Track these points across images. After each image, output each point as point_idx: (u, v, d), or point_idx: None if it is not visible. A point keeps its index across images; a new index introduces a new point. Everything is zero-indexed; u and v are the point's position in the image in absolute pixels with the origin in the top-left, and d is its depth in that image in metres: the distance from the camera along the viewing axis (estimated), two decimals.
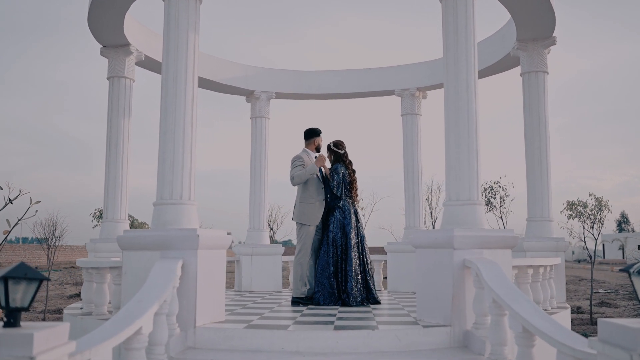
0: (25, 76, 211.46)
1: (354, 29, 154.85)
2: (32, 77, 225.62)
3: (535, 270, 5.45)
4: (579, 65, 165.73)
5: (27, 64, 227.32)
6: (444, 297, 4.58)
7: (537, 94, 6.99)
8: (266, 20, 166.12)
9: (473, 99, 4.85)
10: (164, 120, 4.80)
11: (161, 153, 4.79)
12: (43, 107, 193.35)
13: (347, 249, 6.27)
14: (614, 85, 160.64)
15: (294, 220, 6.56)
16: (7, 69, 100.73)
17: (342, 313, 5.44)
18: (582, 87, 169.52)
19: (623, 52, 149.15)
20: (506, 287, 3.92)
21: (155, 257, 4.52)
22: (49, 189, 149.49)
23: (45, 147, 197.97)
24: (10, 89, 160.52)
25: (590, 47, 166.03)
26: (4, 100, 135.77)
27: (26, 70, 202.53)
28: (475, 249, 4.59)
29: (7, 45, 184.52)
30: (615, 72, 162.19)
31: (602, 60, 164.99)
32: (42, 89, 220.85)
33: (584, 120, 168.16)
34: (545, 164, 6.92)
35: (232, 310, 5.70)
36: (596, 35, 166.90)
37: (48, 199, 55.00)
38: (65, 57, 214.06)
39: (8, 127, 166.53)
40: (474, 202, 4.76)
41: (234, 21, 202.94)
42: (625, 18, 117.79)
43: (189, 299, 4.44)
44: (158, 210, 4.74)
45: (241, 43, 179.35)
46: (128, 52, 7.23)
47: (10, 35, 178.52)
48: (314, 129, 6.68)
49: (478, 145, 4.84)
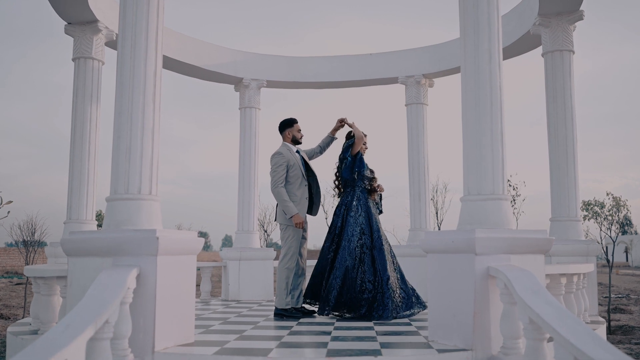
0: (25, 79, 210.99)
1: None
2: (32, 79, 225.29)
3: (569, 279, 4.58)
4: (581, 66, 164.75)
5: (27, 67, 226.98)
6: (463, 313, 3.70)
7: (562, 76, 6.12)
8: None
9: (497, 71, 3.98)
10: (119, 97, 3.93)
11: (115, 138, 3.92)
12: (43, 110, 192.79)
13: None
14: (615, 88, 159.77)
15: (277, 222, 5.72)
16: (7, 72, 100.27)
17: (338, 330, 4.55)
18: (584, 89, 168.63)
19: (624, 54, 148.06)
20: (548, 304, 3.04)
21: (106, 265, 3.65)
22: (49, 191, 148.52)
23: (45, 149, 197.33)
24: (10, 92, 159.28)
25: (592, 48, 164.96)
26: (4, 103, 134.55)
27: (26, 73, 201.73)
28: (502, 254, 3.71)
29: (7, 48, 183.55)
30: (616, 75, 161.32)
31: (604, 62, 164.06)
32: (41, 91, 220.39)
33: (585, 123, 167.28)
34: (572, 156, 6.04)
35: (208, 326, 4.82)
36: (598, 37, 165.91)
37: (48, 201, 54.19)
38: (65, 60, 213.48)
39: (8, 129, 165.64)
40: (499, 197, 3.88)
41: (232, 22, 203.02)
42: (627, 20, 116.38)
43: (146, 318, 3.56)
44: (111, 207, 3.86)
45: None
46: (96, 30, 6.37)
47: (10, 38, 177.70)
48: (287, 119, 5.86)
49: (503, 127, 3.97)
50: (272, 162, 5.64)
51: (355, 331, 4.51)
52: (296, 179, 5.64)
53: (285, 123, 5.84)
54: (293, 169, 5.64)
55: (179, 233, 3.88)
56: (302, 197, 5.66)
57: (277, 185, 5.54)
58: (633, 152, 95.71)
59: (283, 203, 5.51)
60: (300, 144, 5.90)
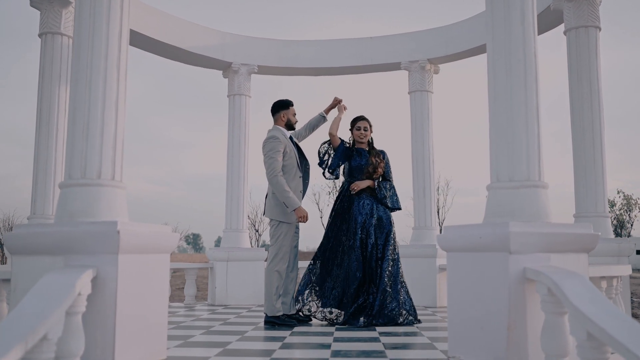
0: (23, 81, 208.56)
1: None
2: (30, 81, 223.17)
3: (609, 282, 3.92)
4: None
5: (26, 69, 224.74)
6: (493, 325, 3.03)
7: (588, 55, 5.47)
8: None
9: (531, 33, 3.32)
10: (76, 62, 3.24)
11: (71, 111, 3.23)
12: None
13: None
14: (608, 91, 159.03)
15: (267, 217, 5.05)
16: (6, 73, 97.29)
17: (339, 343, 3.88)
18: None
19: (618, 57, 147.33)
20: (612, 316, 2.38)
21: (57, 266, 2.97)
22: None
23: None
24: (9, 94, 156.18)
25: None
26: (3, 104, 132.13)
27: (24, 75, 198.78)
28: (540, 252, 3.06)
29: (5, 49, 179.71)
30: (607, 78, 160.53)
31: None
32: None
33: None
34: (599, 144, 5.39)
35: (188, 337, 4.13)
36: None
37: None
38: None
39: (7, 131, 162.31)
40: (535, 183, 3.22)
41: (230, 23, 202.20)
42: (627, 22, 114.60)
43: (104, 331, 2.88)
44: (65, 195, 3.17)
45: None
46: (65, 3, 5.65)
47: (8, 39, 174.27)
48: (283, 99, 5.19)
49: (539, 101, 3.31)
50: (266, 147, 4.96)
51: (359, 343, 3.83)
52: (290, 168, 4.97)
53: (281, 104, 5.17)
54: (288, 157, 4.97)
55: (148, 227, 3.19)
56: (296, 190, 4.99)
57: (276, 174, 4.85)
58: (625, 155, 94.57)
59: (284, 194, 4.82)
60: (294, 129, 5.24)
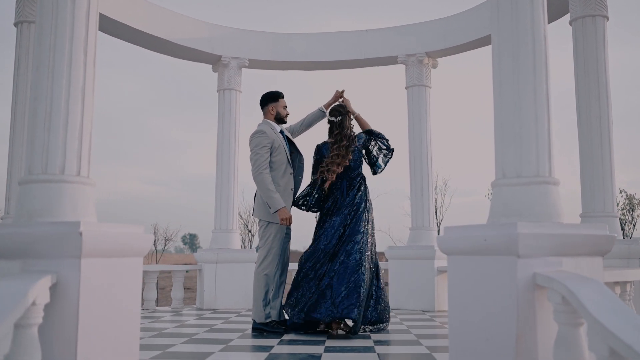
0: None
1: None
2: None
3: (622, 288, 3.62)
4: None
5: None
6: (500, 336, 2.73)
7: (595, 46, 5.18)
8: None
9: (540, 14, 3.02)
10: (38, 44, 2.93)
11: (33, 99, 2.91)
12: None
13: None
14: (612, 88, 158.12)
15: (255, 217, 4.75)
16: (4, 74, 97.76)
17: (331, 353, 3.57)
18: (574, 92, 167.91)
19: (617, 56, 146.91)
20: (638, 329, 2.08)
21: (14, 272, 2.66)
22: None
23: None
24: (8, 95, 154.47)
25: None
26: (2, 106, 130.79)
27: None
28: (551, 256, 2.75)
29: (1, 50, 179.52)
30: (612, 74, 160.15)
31: None
32: None
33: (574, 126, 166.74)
34: (607, 140, 5.10)
35: (167, 346, 3.82)
36: None
37: None
38: None
39: (6, 132, 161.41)
40: (546, 180, 2.92)
41: None
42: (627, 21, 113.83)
43: (64, 344, 2.56)
44: (24, 192, 2.86)
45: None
46: None
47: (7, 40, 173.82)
48: (272, 91, 4.90)
49: (549, 88, 3.01)
50: (252, 142, 4.65)
51: (352, 354, 3.53)
52: (280, 164, 4.66)
53: (269, 96, 4.86)
54: (277, 153, 4.66)
55: (117, 227, 2.88)
56: (286, 187, 4.68)
57: (261, 171, 4.55)
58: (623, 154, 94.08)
59: (267, 193, 4.51)
60: (285, 123, 4.93)
